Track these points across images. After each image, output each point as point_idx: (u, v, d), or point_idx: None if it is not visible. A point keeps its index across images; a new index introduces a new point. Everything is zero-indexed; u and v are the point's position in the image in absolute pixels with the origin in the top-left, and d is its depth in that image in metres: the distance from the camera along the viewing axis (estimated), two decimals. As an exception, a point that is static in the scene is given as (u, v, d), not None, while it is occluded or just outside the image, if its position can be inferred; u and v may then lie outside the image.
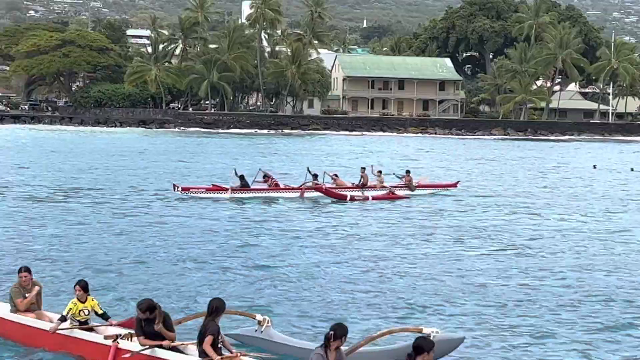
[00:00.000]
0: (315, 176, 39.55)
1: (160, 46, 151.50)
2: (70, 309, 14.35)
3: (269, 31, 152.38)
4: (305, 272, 21.72)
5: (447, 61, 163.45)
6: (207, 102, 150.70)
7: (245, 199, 37.66)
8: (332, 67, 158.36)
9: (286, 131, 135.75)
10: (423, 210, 36.04)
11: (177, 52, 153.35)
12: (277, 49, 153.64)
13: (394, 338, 14.39)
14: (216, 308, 12.65)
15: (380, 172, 41.36)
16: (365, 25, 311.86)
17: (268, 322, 14.43)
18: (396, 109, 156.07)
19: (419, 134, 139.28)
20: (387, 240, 27.53)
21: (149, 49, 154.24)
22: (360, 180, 40.36)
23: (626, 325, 17.14)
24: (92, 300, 14.59)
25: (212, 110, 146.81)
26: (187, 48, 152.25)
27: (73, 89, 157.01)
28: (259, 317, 14.57)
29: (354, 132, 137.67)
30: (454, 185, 43.29)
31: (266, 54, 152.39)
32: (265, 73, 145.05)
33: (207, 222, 30.83)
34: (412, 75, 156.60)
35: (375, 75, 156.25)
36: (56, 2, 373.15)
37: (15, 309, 15.22)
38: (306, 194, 38.86)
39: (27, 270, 15.32)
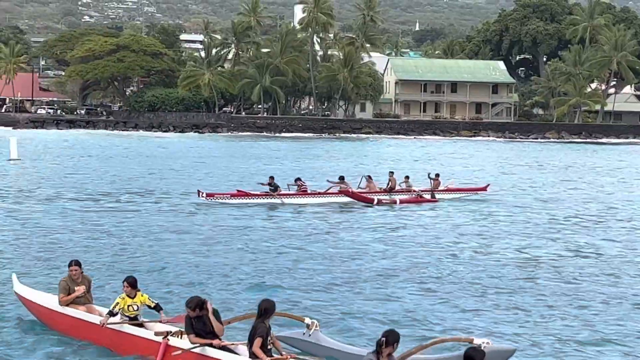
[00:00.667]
0: (341, 178, 39.30)
1: (213, 51, 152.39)
2: (118, 303, 14.41)
3: (321, 35, 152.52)
4: (353, 276, 21.60)
5: (500, 64, 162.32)
6: (259, 106, 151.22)
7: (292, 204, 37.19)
8: (385, 70, 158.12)
9: (342, 135, 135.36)
10: (463, 215, 35.68)
11: (230, 56, 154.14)
12: (329, 52, 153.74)
13: (444, 347, 14.22)
14: (265, 309, 12.55)
15: (407, 177, 41.14)
16: (417, 28, 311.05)
17: (316, 326, 14.22)
18: (449, 112, 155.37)
19: (472, 138, 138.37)
20: (431, 245, 27.28)
21: (202, 54, 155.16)
22: (387, 184, 40.09)
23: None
24: (142, 295, 14.63)
25: (265, 114, 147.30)
26: (240, 52, 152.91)
27: (127, 93, 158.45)
28: (307, 320, 14.36)
29: (407, 136, 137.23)
30: (484, 189, 42.48)
31: (318, 58, 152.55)
32: (318, 77, 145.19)
33: (256, 225, 30.85)
34: (465, 79, 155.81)
35: (427, 79, 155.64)
36: (111, 7, 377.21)
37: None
38: (335, 199, 38.39)
39: (78, 264, 15.52)
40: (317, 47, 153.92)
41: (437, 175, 41.86)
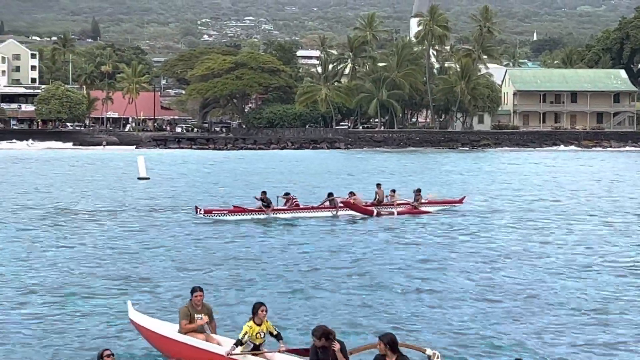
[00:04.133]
0: (330, 194, 38.94)
1: (330, 66, 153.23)
2: (246, 332, 14.28)
3: (437, 47, 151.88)
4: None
5: (622, 72, 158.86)
6: (376, 120, 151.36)
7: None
8: (502, 81, 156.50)
9: (460, 148, 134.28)
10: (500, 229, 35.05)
11: (347, 71, 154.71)
12: (445, 65, 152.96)
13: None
14: (392, 341, 12.19)
15: (393, 191, 40.62)
16: (535, 38, 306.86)
17: (438, 357, 13.75)
18: (569, 122, 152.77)
19: (593, 148, 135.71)
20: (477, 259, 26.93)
21: (319, 69, 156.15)
22: (375, 197, 39.54)
23: None
24: (267, 321, 14.46)
25: (382, 128, 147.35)
26: (356, 67, 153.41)
27: (246, 110, 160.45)
28: (429, 351, 13.85)
29: (526, 147, 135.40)
30: (460, 201, 42.18)
31: (435, 71, 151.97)
32: (434, 89, 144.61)
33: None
34: (585, 88, 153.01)
35: (546, 89, 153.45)
36: (229, 26, 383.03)
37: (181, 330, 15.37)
38: (325, 214, 37.98)
39: (202, 289, 15.51)
40: (433, 59, 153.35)
41: (419, 190, 41.18)
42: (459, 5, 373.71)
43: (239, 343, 14.26)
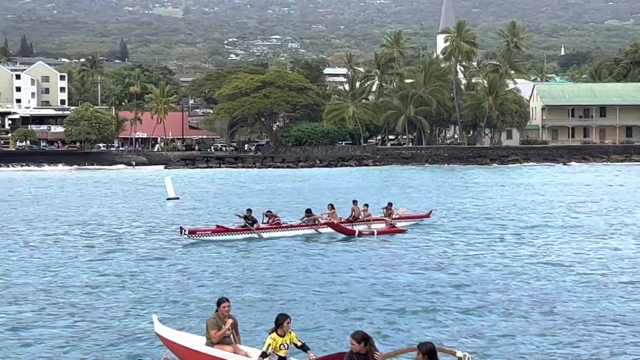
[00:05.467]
0: (309, 211, 38.70)
1: (357, 83, 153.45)
2: (270, 344, 14.31)
3: (464, 63, 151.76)
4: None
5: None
6: (404, 136, 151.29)
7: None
8: (530, 96, 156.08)
9: (489, 164, 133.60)
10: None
11: (374, 88, 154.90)
12: (473, 80, 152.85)
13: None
14: (430, 351, 11.87)
15: (366, 205, 40.36)
16: (563, 52, 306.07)
17: (469, 359, 13.73)
18: (598, 136, 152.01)
19: (623, 162, 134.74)
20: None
21: (346, 87, 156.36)
22: (351, 214, 39.32)
23: None
24: (290, 332, 14.52)
25: (410, 145, 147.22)
26: (384, 84, 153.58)
27: (274, 128, 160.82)
28: (459, 353, 13.74)
29: (555, 162, 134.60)
30: (427, 215, 42.81)
31: (462, 86, 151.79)
32: (462, 105, 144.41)
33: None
34: (614, 102, 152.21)
35: (575, 103, 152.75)
36: (256, 45, 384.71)
37: (211, 342, 15.42)
38: (307, 231, 37.77)
39: (228, 300, 15.65)
40: (460, 75, 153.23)
41: (390, 204, 41.21)
42: (485, 21, 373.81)
43: (263, 355, 14.29)
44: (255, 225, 36.57)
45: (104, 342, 18.38)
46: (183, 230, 35.46)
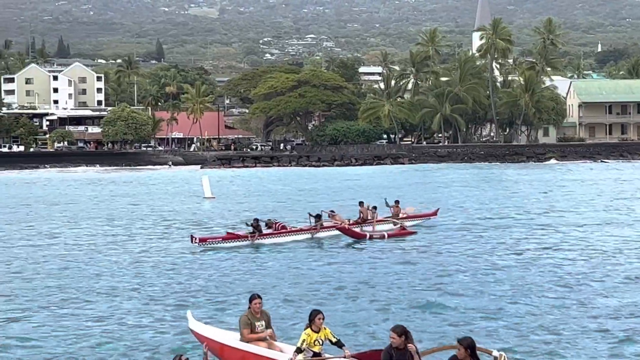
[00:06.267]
0: (318, 216, 37.74)
1: (393, 82, 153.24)
2: (304, 340, 14.39)
3: (500, 61, 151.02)
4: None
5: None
6: (440, 135, 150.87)
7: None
8: (567, 93, 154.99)
9: (525, 161, 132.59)
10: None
11: (409, 86, 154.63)
12: (509, 78, 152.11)
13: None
14: (471, 345, 12.09)
15: (375, 207, 39.40)
16: (599, 49, 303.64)
17: (505, 359, 13.55)
18: (636, 133, 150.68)
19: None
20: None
21: (382, 85, 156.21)
22: (359, 216, 38.67)
23: None
24: (325, 329, 14.57)
25: (445, 143, 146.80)
26: (419, 82, 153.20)
27: (309, 127, 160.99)
28: (495, 353, 13.57)
29: (593, 160, 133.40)
30: (434, 214, 42.05)
31: (498, 84, 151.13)
32: (498, 103, 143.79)
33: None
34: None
35: (612, 100, 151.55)
36: (291, 44, 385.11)
37: (243, 337, 15.50)
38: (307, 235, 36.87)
39: (260, 297, 15.68)
40: (496, 73, 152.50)
41: (397, 202, 40.61)
42: (521, 18, 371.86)
43: (298, 351, 14.36)
44: (256, 233, 35.54)
45: (139, 337, 18.56)
46: (194, 239, 34.59)
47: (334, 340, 14.55)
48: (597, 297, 22.45)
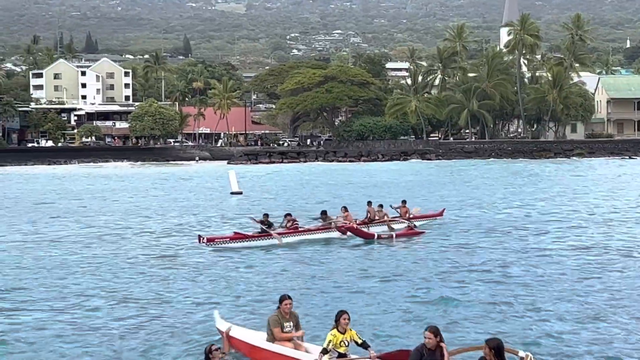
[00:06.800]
0: (324, 213, 37.18)
1: (420, 77, 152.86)
2: (330, 341, 14.41)
3: (528, 56, 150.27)
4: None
5: None
6: (467, 131, 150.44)
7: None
8: (595, 89, 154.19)
9: (553, 157, 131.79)
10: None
11: (436, 82, 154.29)
12: (537, 74, 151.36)
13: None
14: (498, 347, 11.99)
15: (381, 206, 39.00)
16: (628, 45, 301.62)
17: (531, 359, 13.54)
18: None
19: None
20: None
21: (409, 81, 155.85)
22: (366, 215, 38.20)
23: None
24: (351, 330, 14.61)
25: (473, 139, 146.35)
26: (446, 78, 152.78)
27: (336, 123, 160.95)
28: (521, 353, 13.56)
29: (621, 156, 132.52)
30: (440, 214, 41.51)
31: (526, 80, 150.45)
32: (526, 99, 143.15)
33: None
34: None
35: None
36: (318, 40, 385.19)
37: (272, 338, 15.54)
38: (325, 235, 36.14)
39: (290, 297, 15.75)
40: (524, 69, 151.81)
41: (404, 202, 40.11)
42: (549, 14, 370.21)
43: (324, 352, 14.37)
44: (272, 229, 35.13)
45: (166, 336, 18.57)
46: (201, 239, 33.97)
47: (359, 341, 14.58)
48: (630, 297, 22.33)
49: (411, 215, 39.37)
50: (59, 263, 29.45)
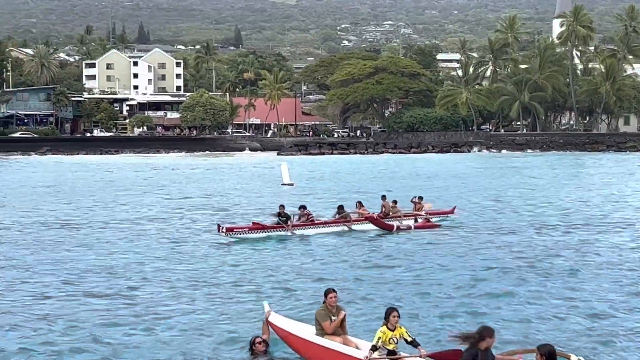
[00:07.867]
0: (341, 207, 36.94)
1: (471, 69, 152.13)
2: (379, 337, 14.33)
3: (580, 48, 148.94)
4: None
5: None
6: (518, 123, 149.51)
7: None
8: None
9: (605, 150, 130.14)
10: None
11: (487, 74, 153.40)
12: (589, 65, 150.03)
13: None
14: (549, 354, 11.71)
15: (395, 202, 38.66)
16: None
17: None
18: None
19: None
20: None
21: (459, 72, 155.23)
22: (381, 210, 37.81)
23: None
24: (401, 327, 14.48)
25: (524, 131, 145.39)
26: (497, 69, 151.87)
27: (386, 114, 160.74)
28: (574, 358, 13.36)
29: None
30: (452, 211, 40.48)
31: (578, 72, 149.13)
32: (578, 91, 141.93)
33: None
34: None
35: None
36: (368, 31, 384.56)
37: (321, 332, 15.48)
38: (341, 228, 35.89)
39: (335, 291, 15.71)
40: (576, 60, 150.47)
41: (421, 198, 39.71)
42: (603, 5, 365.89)
43: (374, 348, 14.29)
44: (288, 222, 34.84)
45: (216, 326, 18.65)
46: (220, 228, 33.63)
47: (409, 339, 14.44)
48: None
49: (423, 212, 38.89)
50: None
